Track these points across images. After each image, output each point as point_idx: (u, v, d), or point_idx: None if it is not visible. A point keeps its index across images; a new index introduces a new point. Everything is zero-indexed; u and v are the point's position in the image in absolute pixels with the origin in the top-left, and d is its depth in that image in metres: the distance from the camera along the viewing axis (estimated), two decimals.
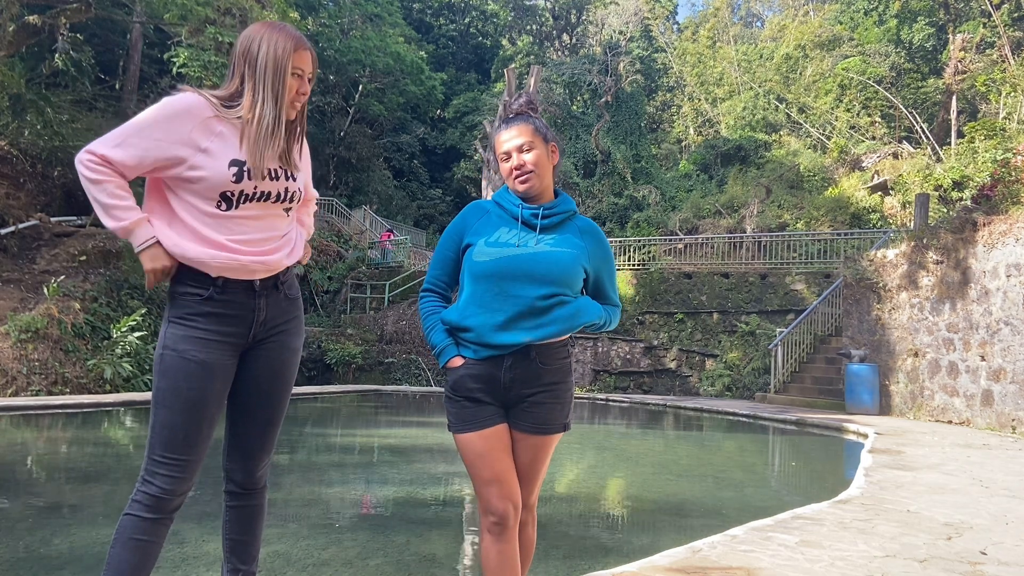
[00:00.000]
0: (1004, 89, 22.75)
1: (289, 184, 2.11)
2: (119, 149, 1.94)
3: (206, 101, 2.01)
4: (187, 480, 2.01)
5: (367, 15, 29.82)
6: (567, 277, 2.15)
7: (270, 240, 2.10)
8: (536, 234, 2.20)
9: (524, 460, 2.20)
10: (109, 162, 1.95)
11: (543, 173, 2.21)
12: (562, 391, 2.22)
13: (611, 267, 2.32)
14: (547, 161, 2.22)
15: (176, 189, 2.01)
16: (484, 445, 2.14)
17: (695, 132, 36.94)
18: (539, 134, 2.21)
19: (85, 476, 5.91)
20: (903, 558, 3.48)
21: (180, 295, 2.04)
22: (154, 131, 1.95)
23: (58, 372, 12.03)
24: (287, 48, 2.03)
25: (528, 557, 2.31)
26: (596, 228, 2.31)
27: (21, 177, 16.20)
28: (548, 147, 2.23)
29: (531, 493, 2.26)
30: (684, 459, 8.14)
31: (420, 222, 33.03)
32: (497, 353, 2.14)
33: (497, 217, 2.25)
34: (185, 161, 1.96)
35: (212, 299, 2.02)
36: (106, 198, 1.95)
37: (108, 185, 1.95)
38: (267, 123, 2.02)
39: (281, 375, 2.19)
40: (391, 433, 9.73)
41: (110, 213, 1.96)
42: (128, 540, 1.97)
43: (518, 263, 2.13)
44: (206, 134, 1.99)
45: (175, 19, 17.75)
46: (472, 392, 2.16)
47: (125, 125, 1.98)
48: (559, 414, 2.21)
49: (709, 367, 16.93)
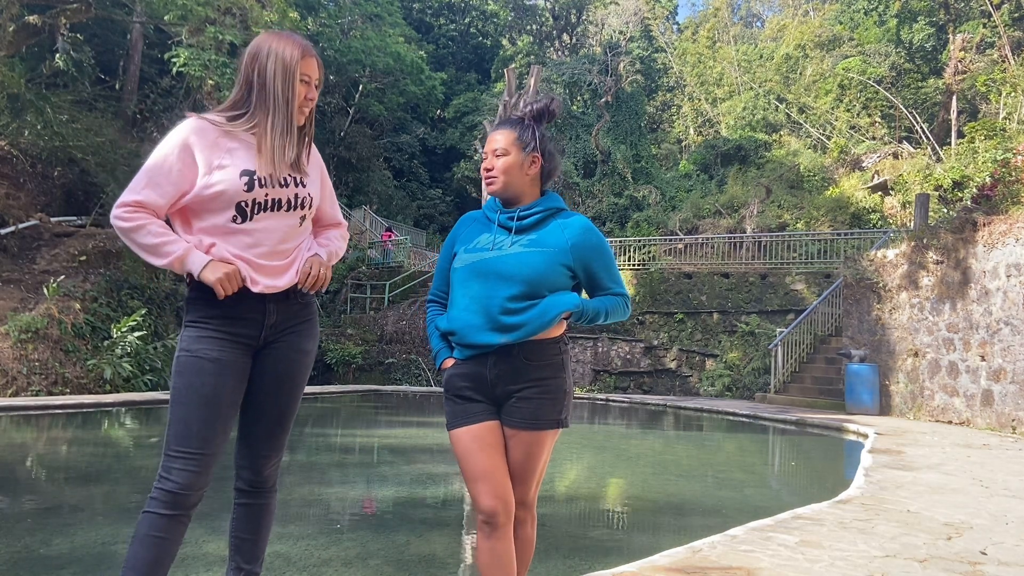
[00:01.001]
0: (1004, 89, 22.74)
1: (299, 190, 2.16)
2: (148, 190, 2.02)
3: (209, 123, 2.09)
4: (202, 475, 2.03)
5: (367, 15, 29.80)
6: (537, 276, 2.17)
7: (286, 254, 2.15)
8: (511, 236, 2.25)
9: (517, 457, 2.22)
10: (143, 205, 2.02)
11: (510, 180, 2.26)
12: (552, 387, 2.22)
13: (606, 259, 2.27)
14: (519, 169, 2.26)
15: (196, 209, 2.08)
16: (472, 441, 2.19)
17: (695, 132, 36.94)
18: (519, 142, 2.26)
19: (85, 476, 5.91)
20: (903, 558, 3.48)
21: (193, 300, 2.12)
22: (174, 163, 2.03)
23: (58, 372, 12.02)
24: (295, 56, 2.11)
25: (527, 557, 2.30)
26: (580, 223, 2.28)
27: (21, 177, 16.18)
28: (527, 156, 2.26)
29: (527, 491, 2.25)
30: (684, 459, 8.14)
31: (420, 222, 33.03)
32: (481, 352, 2.21)
33: (481, 224, 2.34)
34: (203, 182, 2.04)
35: (223, 303, 2.08)
36: (151, 239, 2.01)
37: (150, 227, 2.02)
38: (280, 130, 2.10)
39: (290, 376, 2.22)
40: (391, 433, 9.74)
41: (159, 251, 2.01)
42: (145, 537, 1.99)
43: (489, 266, 2.21)
44: (217, 152, 2.06)
45: (175, 19, 17.74)
46: (461, 390, 2.24)
47: (143, 168, 2.05)
48: (549, 410, 2.21)
49: (709, 367, 16.93)
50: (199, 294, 2.09)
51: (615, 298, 2.27)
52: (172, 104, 22.05)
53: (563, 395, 2.24)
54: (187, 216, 2.10)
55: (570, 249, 2.22)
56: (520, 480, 2.23)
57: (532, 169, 2.28)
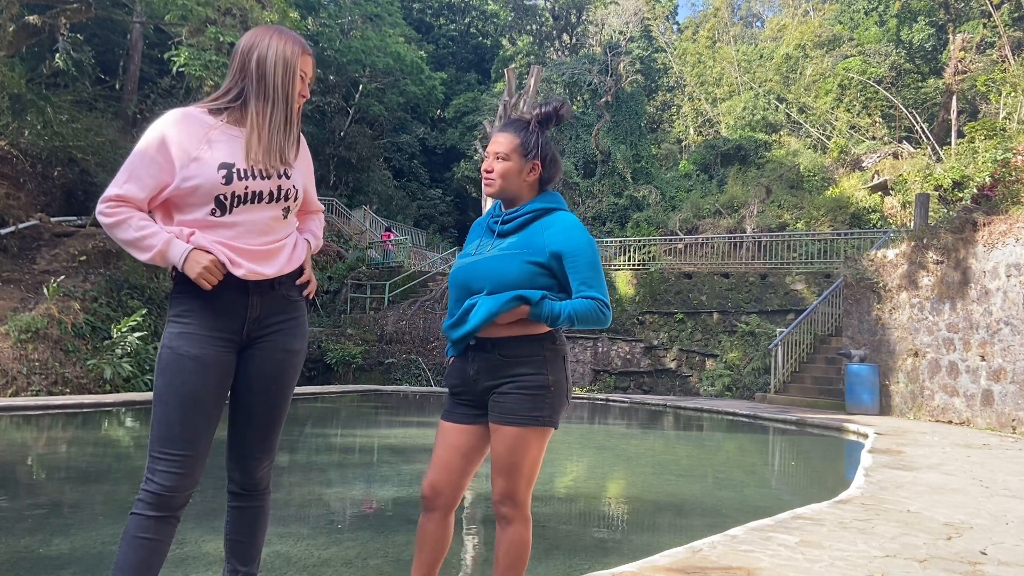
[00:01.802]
0: (1004, 89, 22.75)
1: (283, 182, 2.12)
2: (129, 184, 2.01)
3: (193, 114, 2.08)
4: (187, 477, 2.01)
5: (367, 15, 29.81)
6: (505, 279, 2.20)
7: (267, 245, 2.11)
8: (494, 239, 2.31)
9: (498, 451, 2.24)
10: (124, 199, 2.01)
11: (507, 185, 2.30)
12: (531, 383, 2.21)
13: (580, 260, 2.21)
14: (517, 175, 2.29)
15: (177, 202, 2.06)
16: (441, 434, 2.37)
17: (695, 132, 36.93)
18: (521, 148, 2.29)
19: (85, 476, 5.91)
20: (903, 558, 3.48)
21: (176, 294, 2.10)
22: (155, 155, 2.01)
23: (58, 372, 12.03)
24: (296, 52, 2.12)
25: (513, 557, 2.25)
26: (561, 222, 2.26)
27: (21, 177, 16.19)
28: (528, 163, 2.29)
29: (510, 488, 2.23)
30: (684, 459, 8.15)
31: (420, 222, 33.04)
32: (463, 350, 2.33)
33: (482, 229, 2.42)
34: (181, 173, 2.02)
35: (203, 296, 2.05)
36: (133, 232, 2.00)
37: (131, 220, 2.00)
38: (280, 124, 2.09)
39: (277, 377, 2.18)
40: (391, 433, 9.74)
41: (140, 245, 2.00)
42: (133, 539, 1.97)
43: (467, 270, 2.30)
44: (197, 145, 2.04)
45: (175, 19, 17.74)
46: (453, 387, 2.38)
47: (127, 162, 2.04)
48: (527, 406, 2.20)
49: (709, 367, 16.93)
50: (182, 287, 2.07)
51: (586, 302, 2.19)
52: (172, 104, 21.85)
53: (544, 392, 2.21)
54: (168, 209, 2.08)
55: (547, 249, 2.22)
56: (501, 474, 2.23)
57: (531, 176, 2.31)
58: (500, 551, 2.26)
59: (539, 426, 2.22)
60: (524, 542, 2.27)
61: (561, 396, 2.26)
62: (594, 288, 2.20)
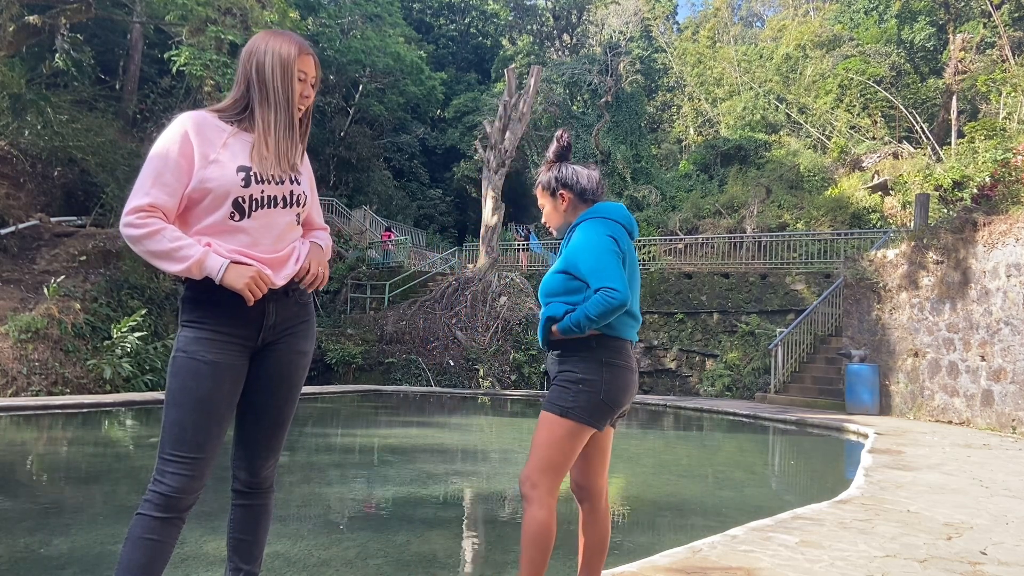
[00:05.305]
0: (1004, 89, 22.74)
1: (294, 187, 2.15)
2: (155, 190, 1.97)
3: (209, 119, 2.08)
4: (197, 479, 2.02)
5: (367, 15, 29.78)
6: (545, 288, 2.53)
7: (278, 252, 2.12)
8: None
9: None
10: (155, 207, 1.96)
11: (554, 220, 2.64)
12: (565, 377, 2.42)
13: (578, 256, 2.41)
14: (555, 211, 2.62)
15: (192, 207, 2.05)
16: None
17: (695, 132, 36.92)
18: (547, 190, 2.62)
19: (85, 476, 5.91)
20: (903, 558, 3.48)
21: (190, 300, 2.08)
22: (178, 158, 1.99)
23: (58, 372, 12.02)
24: (292, 53, 2.11)
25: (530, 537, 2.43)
26: (576, 230, 2.49)
27: (21, 177, 16.17)
28: (557, 198, 2.59)
29: (528, 469, 2.50)
30: (684, 459, 8.15)
31: (420, 222, 33.02)
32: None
33: None
34: (198, 175, 2.01)
35: (221, 303, 2.04)
36: (168, 244, 1.95)
37: (165, 232, 1.96)
38: (284, 128, 2.09)
39: (288, 377, 2.20)
40: (391, 433, 9.73)
41: (175, 256, 1.95)
42: (138, 539, 1.97)
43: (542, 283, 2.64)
44: (212, 147, 2.03)
45: (176, 19, 17.73)
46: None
47: (146, 168, 2.00)
48: (554, 395, 2.44)
49: (709, 367, 16.92)
50: (196, 293, 2.05)
51: (593, 296, 2.34)
52: (172, 104, 22.04)
53: (572, 386, 2.39)
54: (184, 215, 2.06)
55: (567, 258, 2.47)
56: (529, 455, 2.47)
57: (564, 205, 2.59)
58: (521, 531, 2.42)
59: (558, 414, 2.38)
60: (540, 523, 2.41)
61: (591, 394, 2.38)
62: (598, 278, 2.35)
